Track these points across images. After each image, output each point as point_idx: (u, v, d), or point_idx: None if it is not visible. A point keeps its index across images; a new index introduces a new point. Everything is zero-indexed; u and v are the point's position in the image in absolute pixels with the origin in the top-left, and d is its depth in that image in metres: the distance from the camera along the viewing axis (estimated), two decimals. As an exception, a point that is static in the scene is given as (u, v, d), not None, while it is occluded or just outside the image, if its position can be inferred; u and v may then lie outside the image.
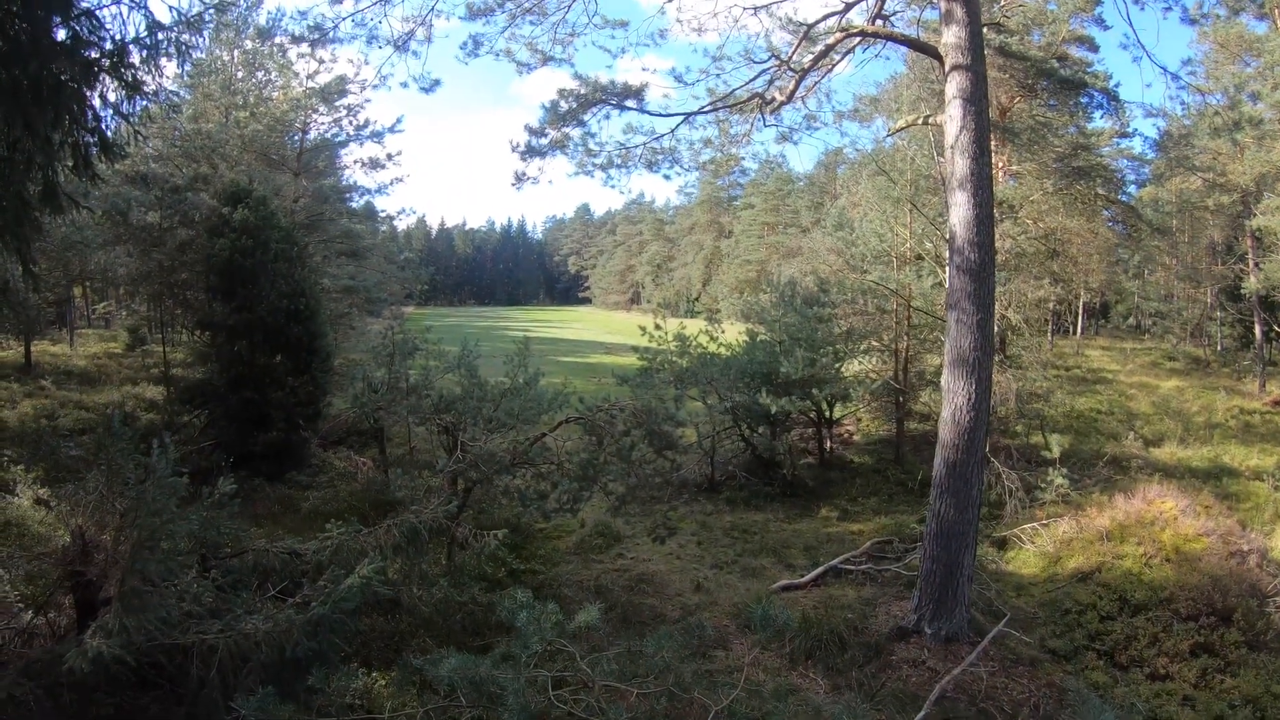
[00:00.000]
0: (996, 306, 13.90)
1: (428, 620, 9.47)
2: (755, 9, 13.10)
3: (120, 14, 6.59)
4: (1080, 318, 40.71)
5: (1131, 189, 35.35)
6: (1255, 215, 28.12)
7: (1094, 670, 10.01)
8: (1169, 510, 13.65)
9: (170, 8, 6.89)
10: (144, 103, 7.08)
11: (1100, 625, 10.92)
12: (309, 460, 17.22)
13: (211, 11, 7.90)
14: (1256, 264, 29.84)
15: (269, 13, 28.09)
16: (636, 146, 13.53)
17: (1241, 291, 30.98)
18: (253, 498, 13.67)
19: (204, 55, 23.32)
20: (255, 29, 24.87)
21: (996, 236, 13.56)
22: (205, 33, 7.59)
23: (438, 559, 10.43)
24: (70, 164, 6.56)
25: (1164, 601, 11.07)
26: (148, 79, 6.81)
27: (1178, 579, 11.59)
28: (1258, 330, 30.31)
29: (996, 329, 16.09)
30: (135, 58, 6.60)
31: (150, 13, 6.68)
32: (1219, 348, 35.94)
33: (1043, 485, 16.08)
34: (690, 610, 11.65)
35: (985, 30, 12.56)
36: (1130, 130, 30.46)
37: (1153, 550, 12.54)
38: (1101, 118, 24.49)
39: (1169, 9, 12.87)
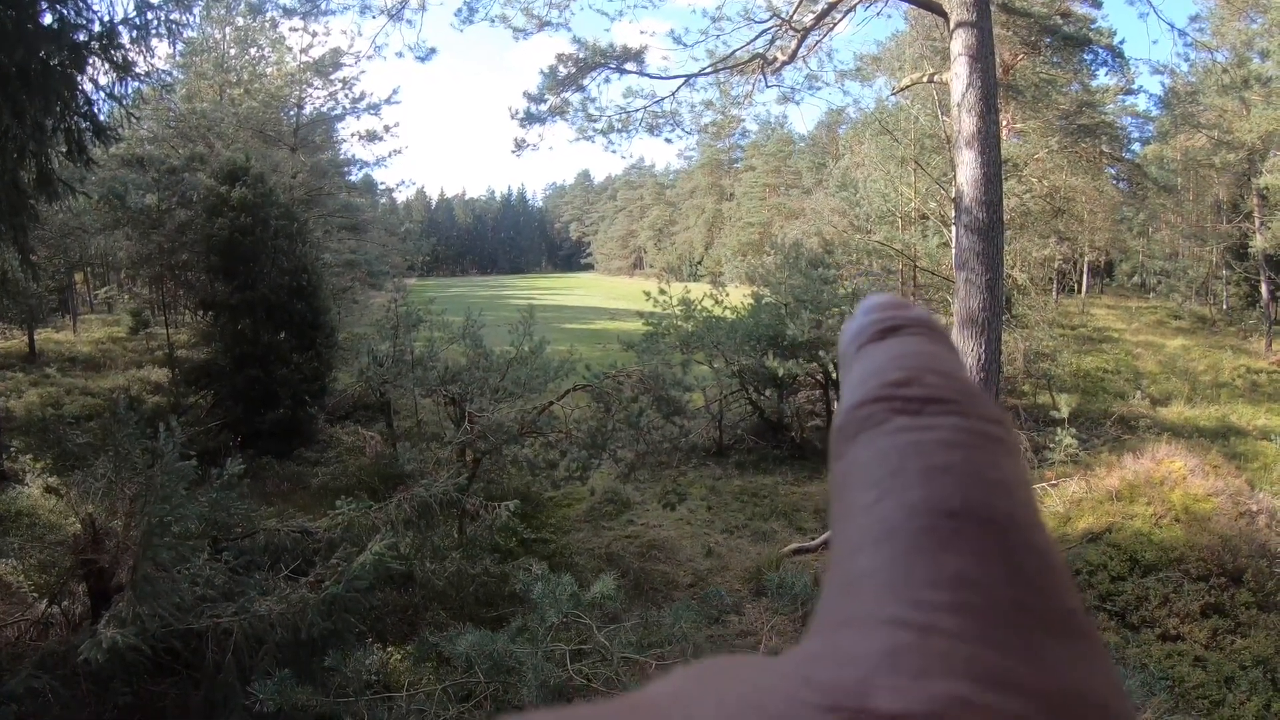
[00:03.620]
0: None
1: (441, 593, 9.51)
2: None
3: (108, -6, 6.48)
4: (1085, 276, 40.34)
5: (1136, 147, 35.12)
6: (1262, 173, 27.85)
7: (1106, 631, 10.02)
8: (1178, 470, 13.61)
9: (159, -15, 6.78)
10: (136, 84, 7.01)
11: (1111, 586, 10.92)
12: (317, 436, 17.24)
13: (201, -13, 7.79)
14: (1263, 222, 29.50)
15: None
16: (637, 110, 13.45)
17: (1248, 250, 30.75)
18: (262, 476, 13.69)
19: (195, 34, 23.06)
20: (246, 4, 24.57)
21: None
22: (195, 10, 7.48)
23: (449, 531, 10.45)
24: (64, 149, 6.47)
25: (1174, 562, 11.07)
26: (139, 60, 6.72)
27: (1188, 539, 11.58)
28: (1264, 289, 30.02)
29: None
30: (125, 39, 6.50)
31: (139, -9, 6.56)
32: (1225, 306, 35.61)
33: (1051, 445, 16.04)
34: (702, 576, 11.70)
35: (989, -15, 12.33)
36: (1135, 87, 30.01)
37: (1162, 510, 12.52)
38: (1106, 75, 24.20)
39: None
